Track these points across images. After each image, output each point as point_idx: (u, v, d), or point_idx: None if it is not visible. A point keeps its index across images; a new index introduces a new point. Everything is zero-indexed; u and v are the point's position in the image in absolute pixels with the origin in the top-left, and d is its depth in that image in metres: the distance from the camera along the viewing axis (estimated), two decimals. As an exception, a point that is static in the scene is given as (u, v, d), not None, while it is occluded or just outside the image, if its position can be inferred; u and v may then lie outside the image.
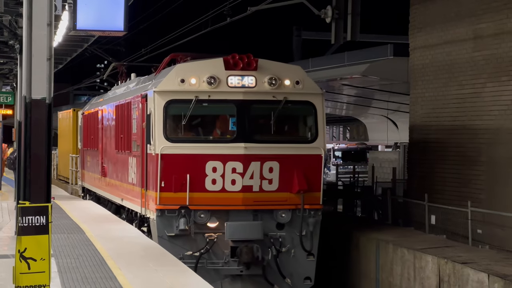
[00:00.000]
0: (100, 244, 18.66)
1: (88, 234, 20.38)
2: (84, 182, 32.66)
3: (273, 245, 17.58)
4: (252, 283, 17.52)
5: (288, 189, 17.53)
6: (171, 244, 16.91)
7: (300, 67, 19.04)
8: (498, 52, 21.04)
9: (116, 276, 13.75)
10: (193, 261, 16.72)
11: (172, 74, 17.72)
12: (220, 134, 18.29)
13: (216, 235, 17.39)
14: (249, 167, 17.24)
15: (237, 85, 17.39)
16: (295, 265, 17.74)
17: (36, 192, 9.11)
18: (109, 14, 9.90)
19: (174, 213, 17.25)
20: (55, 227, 10.20)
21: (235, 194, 17.41)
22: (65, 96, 60.92)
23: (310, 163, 17.89)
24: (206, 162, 17.26)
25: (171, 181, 17.13)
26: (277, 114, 17.94)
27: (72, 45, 30.66)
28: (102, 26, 9.99)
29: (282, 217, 17.67)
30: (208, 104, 17.81)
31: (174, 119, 17.82)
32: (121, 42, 44.11)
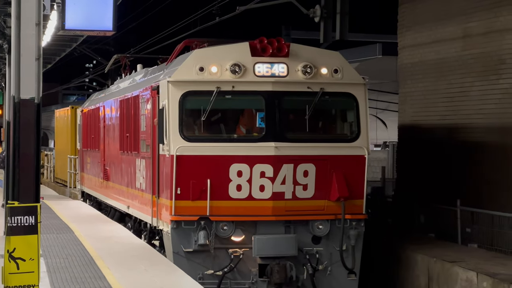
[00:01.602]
0: (89, 244, 18.42)
1: (77, 234, 20.21)
2: (83, 186, 30.88)
3: (309, 262, 15.15)
4: None
5: (326, 196, 15.16)
6: (189, 261, 14.89)
7: (339, 53, 16.50)
8: (487, 51, 21.19)
9: (105, 276, 13.66)
10: (215, 281, 14.87)
11: (189, 62, 15.23)
12: (245, 132, 15.81)
13: (242, 250, 15.02)
14: (281, 170, 14.82)
15: (265, 74, 15.01)
16: (334, 285, 15.55)
17: (24, 192, 9.14)
18: (97, 13, 9.89)
19: (193, 225, 14.88)
20: (44, 227, 10.01)
21: (264, 202, 14.94)
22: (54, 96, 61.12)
23: (352, 166, 15.50)
24: (230, 165, 14.85)
25: (189, 188, 14.77)
26: (312, 108, 15.30)
27: (60, 45, 30.67)
28: (91, 26, 10.02)
29: (319, 229, 15.32)
30: (232, 97, 15.36)
31: (191, 114, 15.48)
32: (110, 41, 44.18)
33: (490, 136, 20.61)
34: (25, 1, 8.93)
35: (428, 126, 23.30)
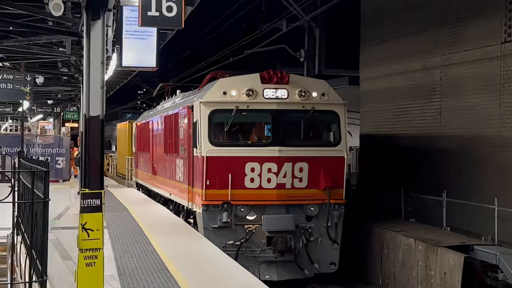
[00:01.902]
0: (139, 219, 18.62)
1: (131, 212, 20.35)
2: (137, 179, 30.98)
3: (303, 235, 15.65)
4: (284, 268, 15.67)
5: (316, 186, 15.62)
6: (215, 234, 15.28)
7: (325, 81, 17.26)
8: (422, 82, 21.55)
9: (151, 242, 14.15)
10: (234, 249, 15.09)
11: (216, 87, 15.80)
12: (257, 139, 16.31)
13: (254, 226, 15.52)
14: (282, 167, 15.36)
15: (271, 97, 15.53)
16: (322, 252, 15.92)
17: (93, 182, 9.05)
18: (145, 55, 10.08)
19: (218, 207, 15.31)
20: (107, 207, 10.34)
21: (270, 191, 15.46)
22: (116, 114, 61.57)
23: (334, 164, 15.99)
24: (245, 163, 15.37)
25: (215, 180, 15.29)
26: (306, 122, 15.90)
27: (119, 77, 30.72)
28: (141, 63, 10.23)
29: (311, 211, 15.75)
30: (247, 113, 15.80)
31: (217, 126, 15.84)
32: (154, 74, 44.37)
33: (425, 142, 20.97)
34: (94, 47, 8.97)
35: (381, 135, 23.67)
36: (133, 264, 11.77)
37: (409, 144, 22.26)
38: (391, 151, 23.16)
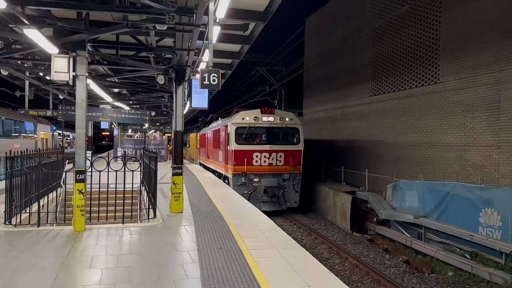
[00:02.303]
0: (199, 178, 18.69)
1: (196, 176, 20.14)
2: (200, 160, 31.22)
3: (281, 188, 17.50)
4: (272, 204, 17.35)
5: (288, 164, 17.51)
6: (238, 188, 16.72)
7: (292, 113, 18.77)
8: (331, 115, 22.84)
9: (205, 189, 14.25)
10: (247, 195, 16.71)
11: (239, 116, 17.62)
12: (258, 142, 17.79)
13: (257, 184, 17.24)
14: (271, 155, 17.26)
15: (266, 121, 17.49)
16: (290, 197, 17.71)
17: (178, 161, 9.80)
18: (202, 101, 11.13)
19: (240, 175, 17.10)
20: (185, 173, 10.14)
21: (265, 167, 17.34)
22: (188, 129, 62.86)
23: (297, 154, 17.68)
24: (253, 153, 17.19)
25: (238, 161, 17.06)
26: (283, 132, 17.86)
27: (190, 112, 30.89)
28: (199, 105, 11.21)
29: (285, 177, 17.55)
30: (254, 129, 17.58)
31: (239, 135, 17.39)
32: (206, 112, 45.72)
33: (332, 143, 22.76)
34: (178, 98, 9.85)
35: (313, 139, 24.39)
36: (196, 199, 11.96)
37: (326, 143, 23.44)
38: (317, 147, 24.03)
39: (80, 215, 7.66)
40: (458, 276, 10.59)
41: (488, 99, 12.98)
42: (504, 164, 12.35)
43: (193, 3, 7.20)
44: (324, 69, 24.81)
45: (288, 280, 5.24)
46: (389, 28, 18.34)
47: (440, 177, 14.38)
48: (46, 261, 5.76)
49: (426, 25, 15.88)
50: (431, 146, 15.39)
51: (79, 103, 8.00)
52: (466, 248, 11.73)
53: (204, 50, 10.01)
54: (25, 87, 16.75)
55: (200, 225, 8.49)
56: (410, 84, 16.91)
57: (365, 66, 20.26)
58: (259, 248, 6.75)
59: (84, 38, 7.95)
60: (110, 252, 6.34)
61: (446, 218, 13.12)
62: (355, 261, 11.81)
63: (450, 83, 14.66)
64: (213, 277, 5.26)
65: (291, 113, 18.35)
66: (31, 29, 7.29)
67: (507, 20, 12.26)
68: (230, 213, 9.96)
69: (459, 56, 14.24)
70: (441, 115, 15.00)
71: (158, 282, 5.02)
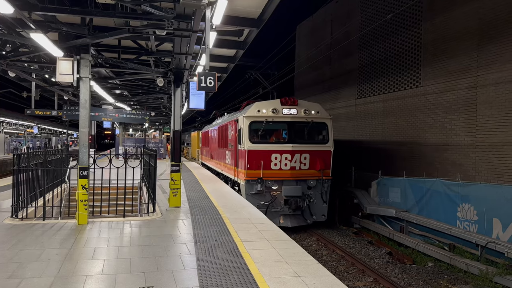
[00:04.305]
0: (198, 176, 18.05)
1: (193, 172, 19.94)
2: (202, 160, 28.19)
3: (307, 198, 13.64)
4: (295, 219, 13.50)
5: (314, 168, 13.65)
6: (252, 198, 13.29)
7: (319, 104, 14.54)
8: None
9: (201, 185, 14.16)
10: (264, 207, 13.16)
11: (253, 107, 13.75)
12: (277, 140, 13.91)
13: (277, 193, 13.47)
14: (294, 156, 13.45)
15: (287, 113, 13.65)
16: (316, 209, 13.83)
17: (176, 158, 9.78)
18: (199, 102, 11.18)
19: (254, 181, 13.35)
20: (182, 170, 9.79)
21: (286, 171, 13.46)
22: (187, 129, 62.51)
23: (325, 155, 13.84)
24: (271, 154, 13.44)
25: (253, 164, 13.35)
26: (308, 129, 13.87)
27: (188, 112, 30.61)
28: (196, 106, 11.24)
29: (311, 183, 13.70)
30: (272, 124, 13.74)
31: (254, 131, 13.60)
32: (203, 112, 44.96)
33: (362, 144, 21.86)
34: (176, 99, 9.76)
35: None
36: (193, 195, 11.76)
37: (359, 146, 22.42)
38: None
39: (84, 209, 7.65)
40: (437, 266, 10.63)
41: (466, 102, 13.09)
42: (480, 163, 12.47)
43: (191, 10, 7.28)
44: (313, 73, 24.88)
45: (279, 270, 5.24)
46: (374, 35, 18.42)
47: (422, 174, 14.49)
48: (51, 253, 5.76)
49: (409, 32, 15.97)
50: (415, 145, 15.49)
51: (82, 103, 8.01)
52: (444, 240, 11.87)
53: (201, 55, 9.98)
54: (31, 88, 16.71)
55: (197, 219, 8.47)
56: (394, 87, 17.02)
57: (352, 71, 20.36)
58: (252, 240, 6.74)
59: (87, 42, 7.97)
60: (112, 244, 6.33)
61: (426, 212, 13.22)
62: (341, 252, 11.84)
63: (430, 87, 14.76)
64: (209, 268, 5.26)
65: (317, 104, 14.42)
66: (38, 33, 7.31)
67: (484, 29, 12.38)
68: (225, 207, 9.92)
69: (439, 61, 14.35)
70: (423, 117, 15.11)
71: (157, 273, 5.01)
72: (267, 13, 9.35)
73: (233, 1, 8.60)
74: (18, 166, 7.88)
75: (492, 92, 12.05)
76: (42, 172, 8.89)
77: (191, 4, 6.03)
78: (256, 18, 9.83)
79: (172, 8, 7.46)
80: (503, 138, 11.65)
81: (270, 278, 4.92)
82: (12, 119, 41.23)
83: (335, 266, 10.81)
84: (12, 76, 12.64)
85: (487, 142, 12.19)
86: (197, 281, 4.76)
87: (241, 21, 9.89)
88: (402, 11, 16.12)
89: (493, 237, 10.50)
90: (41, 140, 49.89)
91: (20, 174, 7.85)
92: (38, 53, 9.48)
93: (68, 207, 9.19)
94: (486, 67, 12.23)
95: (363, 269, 10.41)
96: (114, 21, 8.38)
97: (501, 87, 11.75)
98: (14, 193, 7.88)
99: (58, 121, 52.45)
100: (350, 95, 20.61)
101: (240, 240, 6.79)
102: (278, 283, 4.76)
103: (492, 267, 9.59)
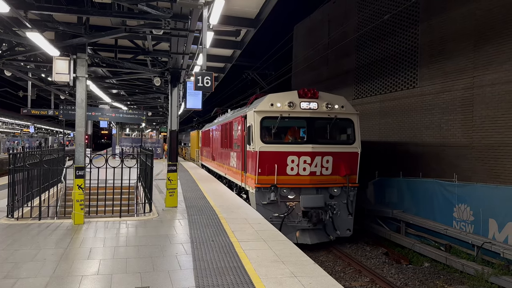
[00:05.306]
0: (195, 176, 18.13)
1: (190, 172, 19.93)
2: (202, 161, 26.66)
3: (329, 210, 11.62)
4: (315, 234, 11.64)
5: (338, 173, 11.75)
6: (264, 209, 11.41)
7: (343, 97, 12.61)
8: None
9: (198, 185, 14.09)
10: (279, 220, 11.28)
11: (265, 101, 11.86)
12: (294, 139, 11.95)
13: (294, 203, 11.53)
14: (314, 159, 11.53)
15: (306, 108, 11.78)
16: (341, 222, 11.83)
17: (173, 158, 9.82)
18: (196, 102, 10.74)
19: (267, 189, 11.43)
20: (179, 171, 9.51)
21: (305, 177, 11.54)
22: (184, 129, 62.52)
23: (351, 157, 11.94)
24: (287, 156, 11.54)
25: (265, 169, 11.49)
26: (330, 126, 11.99)
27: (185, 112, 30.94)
28: (193, 106, 10.79)
29: (334, 192, 11.70)
30: (288, 120, 11.85)
31: (266, 129, 11.79)
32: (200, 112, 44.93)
33: None
34: (173, 99, 9.90)
35: None
36: (190, 195, 11.79)
37: None
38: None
39: (80, 209, 7.64)
40: (434, 267, 10.65)
41: (462, 102, 13.14)
42: (476, 163, 12.52)
43: (188, 10, 7.28)
44: (311, 73, 24.89)
45: (275, 270, 5.25)
46: (372, 36, 18.44)
47: (419, 175, 14.53)
48: (46, 253, 5.75)
49: (406, 33, 16.02)
50: (412, 145, 15.52)
51: (79, 103, 8.01)
52: (441, 241, 11.90)
53: (198, 54, 9.93)
54: (27, 87, 16.72)
55: (193, 219, 8.46)
56: (391, 88, 17.05)
57: (349, 71, 20.38)
58: (249, 241, 6.75)
59: (84, 41, 7.94)
60: (108, 244, 6.33)
61: (423, 213, 13.26)
62: (338, 252, 11.86)
63: (427, 87, 14.81)
64: (205, 268, 5.25)
65: (342, 97, 12.53)
66: (34, 32, 7.27)
67: (481, 30, 12.43)
68: (222, 207, 9.90)
69: (435, 62, 14.40)
70: (420, 117, 15.15)
71: (153, 273, 5.01)
72: (264, 13, 9.36)
73: (230, 1, 8.60)
74: (14, 166, 7.87)
75: (489, 93, 12.10)
76: (38, 171, 8.87)
77: (188, 4, 6.03)
78: (253, 18, 9.84)
79: (169, 7, 7.47)
80: (499, 138, 11.70)
81: (266, 278, 4.93)
82: (8, 118, 41.09)
83: (332, 266, 10.84)
84: (8, 75, 12.66)
85: (483, 142, 12.25)
86: (193, 281, 4.76)
87: (238, 21, 9.90)
88: (399, 12, 16.17)
89: (489, 237, 10.54)
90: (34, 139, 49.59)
91: (15, 174, 7.86)
92: (34, 52, 9.47)
93: (64, 207, 9.19)
94: (483, 68, 12.29)
95: (359, 269, 10.43)
96: (110, 21, 8.39)
97: (497, 88, 11.80)
98: (9, 193, 7.87)
99: (55, 121, 52.33)
100: (347, 96, 20.51)
101: (237, 240, 6.80)
102: (274, 283, 4.77)
103: (488, 267, 9.61)
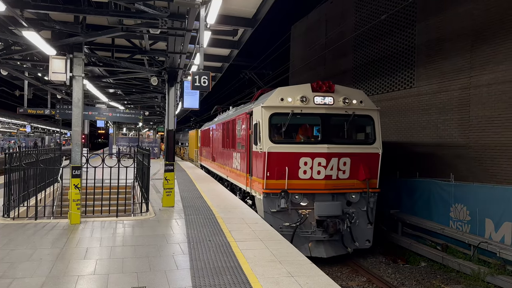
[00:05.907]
0: (192, 176, 17.91)
1: (187, 172, 19.73)
2: (201, 162, 25.54)
3: (347, 218, 10.38)
4: (331, 246, 10.46)
5: (356, 177, 10.52)
6: (273, 217, 10.29)
7: (362, 91, 11.55)
8: None
9: (195, 185, 13.99)
10: (290, 230, 10.18)
11: (274, 95, 10.60)
12: (307, 139, 10.75)
13: (307, 211, 10.37)
14: (330, 161, 10.29)
15: (321, 103, 10.54)
16: (359, 232, 10.63)
17: (169, 158, 9.88)
18: (193, 102, 11.10)
19: (276, 195, 10.25)
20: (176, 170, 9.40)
21: (320, 181, 10.29)
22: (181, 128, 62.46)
23: (371, 159, 10.74)
24: (299, 158, 10.30)
25: (274, 172, 10.28)
26: (348, 124, 10.77)
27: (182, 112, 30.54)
28: (190, 105, 11.14)
29: (352, 198, 10.55)
30: (301, 116, 10.54)
31: (276, 127, 10.62)
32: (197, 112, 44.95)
33: None
34: (170, 98, 9.79)
35: None
36: (187, 194, 11.67)
37: None
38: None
39: (76, 209, 7.63)
40: (430, 266, 10.66)
41: (459, 102, 13.18)
42: (473, 163, 12.56)
43: (185, 9, 7.29)
44: (308, 73, 24.88)
45: (272, 270, 5.25)
46: (369, 36, 18.46)
47: (415, 174, 14.55)
48: (42, 252, 5.73)
49: (403, 33, 16.05)
50: (409, 145, 15.52)
51: (75, 102, 7.99)
52: (437, 240, 11.88)
53: (195, 54, 9.95)
54: (24, 86, 16.66)
55: (190, 218, 8.44)
56: (388, 88, 17.07)
57: (347, 71, 20.39)
58: (246, 240, 6.75)
59: (81, 40, 7.95)
60: (104, 244, 6.31)
61: (419, 213, 13.28)
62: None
63: (424, 87, 14.84)
64: (202, 268, 5.24)
65: (360, 91, 11.36)
66: (30, 31, 7.26)
67: (478, 30, 12.46)
68: (219, 207, 9.89)
69: (432, 62, 14.43)
70: (417, 117, 15.17)
71: (150, 273, 5.00)
72: (262, 13, 9.37)
73: (227, 1, 8.60)
74: (10, 165, 7.84)
75: (485, 93, 12.14)
76: (34, 171, 8.84)
77: (184, 3, 6.03)
78: (251, 17, 9.85)
79: (166, 7, 7.47)
80: (496, 138, 11.74)
81: (263, 278, 4.93)
82: (5, 117, 40.92)
83: (329, 265, 10.81)
84: (4, 75, 12.62)
85: (480, 142, 12.28)
86: (190, 281, 4.75)
87: (236, 20, 9.91)
88: (396, 12, 16.20)
89: (485, 237, 10.56)
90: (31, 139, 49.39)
91: (12, 173, 7.82)
92: (30, 51, 9.45)
93: (61, 207, 9.17)
94: (480, 68, 12.32)
95: (356, 269, 10.43)
96: (107, 20, 8.38)
97: (494, 88, 11.84)
98: (5, 193, 7.84)
99: (51, 120, 52.13)
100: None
101: (234, 240, 6.79)
102: (271, 283, 4.77)
103: (484, 267, 9.64)
